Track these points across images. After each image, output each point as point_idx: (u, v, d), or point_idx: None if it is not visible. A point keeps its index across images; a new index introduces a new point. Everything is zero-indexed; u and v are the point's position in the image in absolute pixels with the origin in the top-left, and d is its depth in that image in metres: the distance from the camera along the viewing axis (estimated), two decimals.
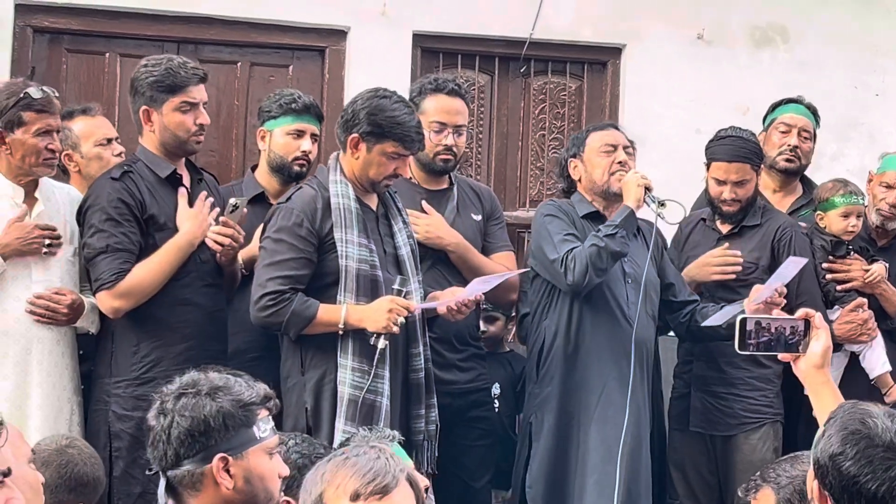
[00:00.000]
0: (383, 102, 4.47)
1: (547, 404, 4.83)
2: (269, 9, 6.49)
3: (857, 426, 2.59)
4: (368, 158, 4.46)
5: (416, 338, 4.48)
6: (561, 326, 4.82)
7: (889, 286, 5.28)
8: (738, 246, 5.19)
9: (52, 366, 4.43)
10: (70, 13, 6.33)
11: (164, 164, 4.52)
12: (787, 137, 5.51)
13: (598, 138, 4.93)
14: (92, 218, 4.42)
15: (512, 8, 6.75)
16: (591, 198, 4.95)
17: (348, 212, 4.43)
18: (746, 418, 5.12)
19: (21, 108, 4.34)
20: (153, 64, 4.53)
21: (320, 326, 4.36)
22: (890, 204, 5.31)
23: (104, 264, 4.38)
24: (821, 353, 3.13)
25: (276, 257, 4.40)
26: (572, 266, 4.66)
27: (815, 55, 7.02)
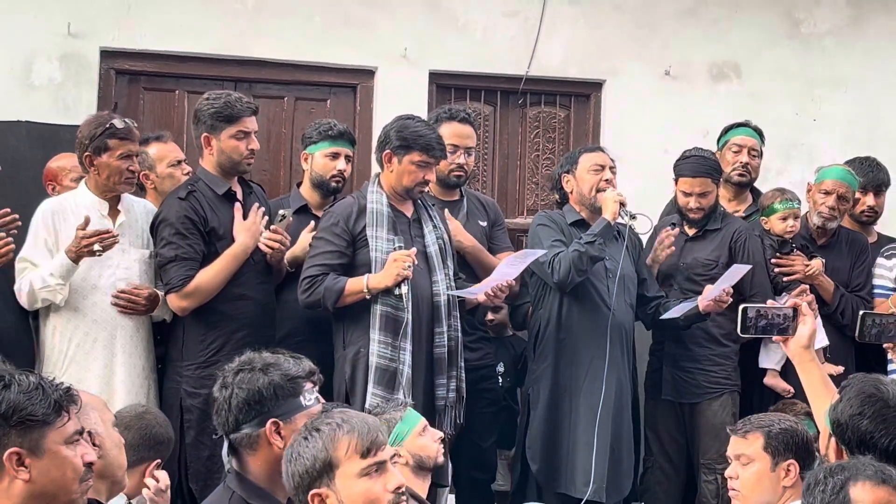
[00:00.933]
0: (408, 122, 4.59)
1: (542, 379, 4.84)
2: (310, 53, 6.49)
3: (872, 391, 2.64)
4: (400, 169, 4.53)
5: (441, 319, 4.49)
6: (552, 314, 4.84)
7: (825, 278, 5.26)
8: (701, 246, 5.20)
9: (133, 348, 4.44)
10: (146, 58, 6.33)
11: (221, 182, 4.52)
12: (739, 156, 5.51)
13: (589, 159, 4.93)
14: (163, 232, 4.42)
15: (511, 50, 6.74)
16: (579, 208, 4.95)
17: (380, 214, 4.50)
18: (709, 388, 5.11)
19: (107, 136, 4.35)
20: (213, 97, 4.53)
21: (350, 296, 4.42)
22: (829, 207, 5.30)
23: (173, 271, 4.39)
24: (807, 335, 3.14)
25: (316, 251, 4.52)
26: (558, 267, 4.70)
27: (763, 88, 6.99)
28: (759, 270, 5.14)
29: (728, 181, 5.50)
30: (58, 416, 2.46)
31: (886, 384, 2.66)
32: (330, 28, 6.51)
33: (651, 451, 5.25)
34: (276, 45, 6.44)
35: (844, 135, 6.95)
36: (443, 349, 4.49)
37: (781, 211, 5.27)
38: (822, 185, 5.34)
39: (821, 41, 7.12)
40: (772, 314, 3.14)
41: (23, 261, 4.37)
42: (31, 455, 2.42)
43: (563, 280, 4.70)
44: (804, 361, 3.13)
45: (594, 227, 4.78)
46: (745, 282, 5.00)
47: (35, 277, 4.30)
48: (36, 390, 2.45)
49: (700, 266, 5.16)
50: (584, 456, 4.69)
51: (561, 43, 6.81)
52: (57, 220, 4.38)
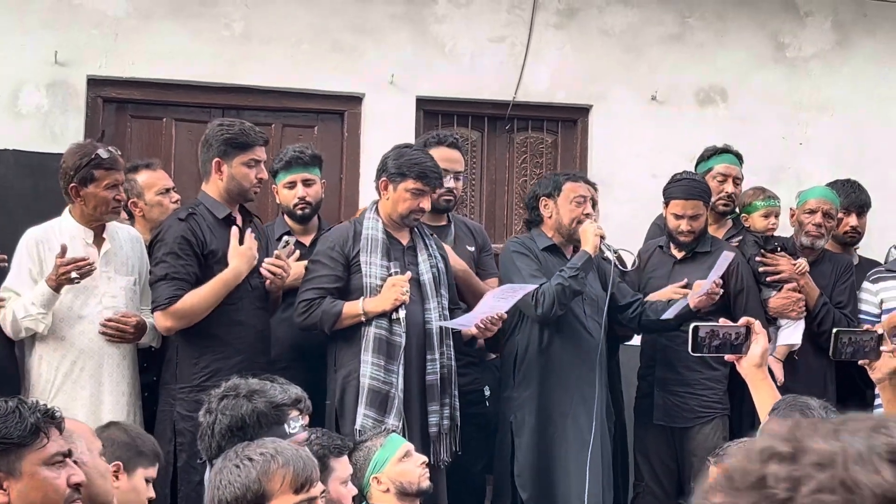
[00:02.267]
0: (405, 150, 4.65)
1: (527, 405, 4.80)
2: (297, 80, 6.50)
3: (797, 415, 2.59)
4: (395, 196, 4.56)
5: (433, 346, 4.50)
6: (532, 340, 4.83)
7: (810, 280, 5.26)
8: (691, 269, 5.19)
9: (119, 377, 4.42)
10: (133, 85, 6.33)
11: (222, 207, 4.52)
12: (725, 185, 5.49)
13: (573, 189, 4.91)
14: (158, 251, 4.43)
15: (498, 76, 6.76)
16: (552, 234, 4.93)
17: (374, 240, 4.54)
18: (700, 413, 5.09)
19: (92, 166, 4.34)
20: (227, 124, 4.56)
21: (347, 319, 4.46)
22: (815, 224, 5.31)
23: (162, 289, 4.38)
24: (760, 354, 3.12)
25: (312, 274, 4.55)
26: (542, 301, 4.67)
27: (749, 111, 7.02)
28: (751, 296, 5.15)
29: (712, 209, 5.50)
30: (35, 437, 2.44)
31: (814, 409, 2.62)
32: (317, 54, 6.53)
33: (642, 477, 5.23)
34: (264, 72, 6.45)
35: (831, 158, 6.97)
36: (435, 377, 4.49)
37: (762, 208, 5.33)
38: (806, 205, 5.35)
39: (807, 64, 7.15)
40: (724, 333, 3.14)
41: (6, 290, 4.36)
42: (9, 477, 2.40)
43: (547, 314, 4.70)
44: (756, 381, 3.13)
45: (575, 259, 4.77)
46: (737, 306, 5.01)
47: (17, 307, 4.29)
48: (12, 413, 2.44)
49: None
50: (578, 481, 4.68)
51: (548, 68, 6.84)
52: (42, 248, 4.36)
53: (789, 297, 5.18)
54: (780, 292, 5.19)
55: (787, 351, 5.19)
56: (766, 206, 5.33)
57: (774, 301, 5.19)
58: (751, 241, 5.30)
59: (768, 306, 5.19)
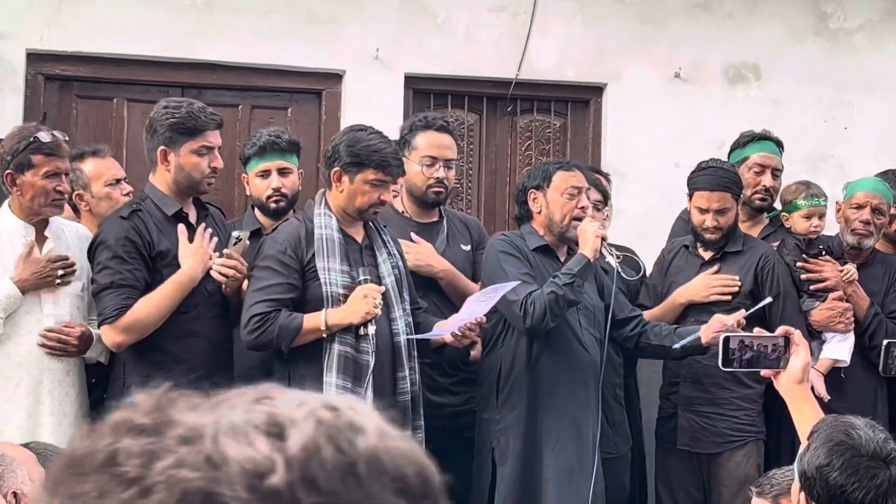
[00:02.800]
0: (359, 135, 4.49)
1: (511, 430, 4.73)
2: (268, 54, 6.48)
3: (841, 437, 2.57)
4: (352, 189, 4.44)
5: (403, 362, 4.44)
6: (519, 354, 4.75)
7: (860, 289, 5.24)
8: (721, 271, 5.16)
9: (62, 395, 4.38)
10: (79, 61, 6.30)
11: (171, 202, 4.46)
12: (762, 178, 5.47)
13: (565, 179, 4.83)
14: (100, 255, 4.36)
15: (499, 50, 6.74)
16: (543, 232, 4.86)
17: (330, 241, 4.42)
18: (732, 437, 5.08)
19: (31, 151, 4.31)
20: (174, 106, 4.47)
21: (308, 335, 4.34)
22: (863, 221, 5.29)
23: (108, 299, 4.32)
24: (800, 369, 3.09)
25: (262, 283, 4.40)
26: (531, 311, 4.59)
27: (786, 92, 7.01)
28: (789, 302, 5.14)
29: (746, 204, 5.48)
30: None
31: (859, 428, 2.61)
32: (291, 26, 6.50)
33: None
34: (229, 46, 6.42)
35: (878, 145, 6.96)
36: (406, 397, 4.43)
37: (805, 208, 5.31)
38: (853, 199, 5.33)
39: (852, 38, 7.14)
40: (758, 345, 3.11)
41: None
42: None
43: (537, 326, 4.61)
44: (797, 399, 3.10)
45: (572, 264, 4.68)
46: (773, 314, 4.99)
47: None
48: None
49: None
50: None
51: (555, 42, 6.81)
52: None
53: (835, 308, 5.17)
54: (825, 302, 5.17)
55: (830, 364, 5.17)
56: (809, 205, 5.30)
57: (818, 313, 5.16)
58: (791, 244, 5.27)
59: (811, 319, 5.15)
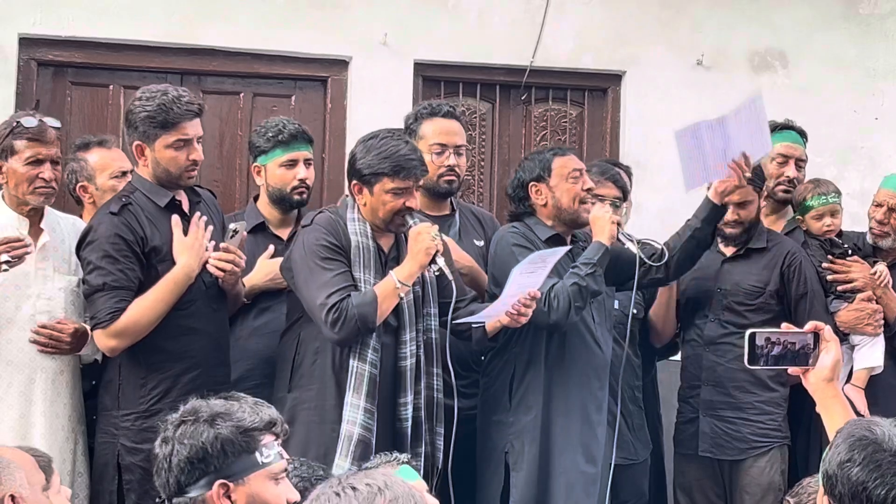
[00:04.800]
0: (370, 143, 4.47)
1: (526, 433, 4.73)
2: (271, 40, 6.47)
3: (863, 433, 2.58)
4: (374, 201, 4.44)
5: (406, 388, 4.43)
6: (535, 354, 4.75)
7: (891, 291, 5.23)
8: (743, 268, 5.17)
9: (55, 395, 4.39)
10: (73, 46, 6.31)
11: (161, 192, 4.43)
12: (786, 168, 5.48)
13: (565, 164, 4.85)
14: (90, 255, 4.33)
15: (512, 36, 6.74)
16: (552, 222, 4.86)
17: (366, 251, 4.44)
18: (756, 442, 5.09)
19: (14, 136, 4.32)
20: (147, 98, 4.41)
21: (387, 301, 4.32)
22: (878, 221, 5.28)
23: (101, 302, 4.30)
24: (830, 367, 3.08)
25: (322, 276, 4.36)
26: (556, 305, 4.59)
27: (813, 80, 6.99)
28: (816, 300, 5.15)
29: (770, 196, 5.47)
30: None
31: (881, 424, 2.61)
32: (295, 10, 6.50)
33: None
34: (230, 31, 6.42)
35: None
36: (406, 423, 4.42)
37: (814, 209, 5.30)
38: (877, 195, 5.34)
39: (883, 24, 7.12)
40: (786, 341, 3.10)
41: None
42: None
43: (562, 319, 4.62)
44: (827, 398, 3.08)
45: (589, 252, 4.69)
46: (799, 313, 4.99)
47: None
48: None
49: (742, 293, 5.14)
50: None
51: (572, 27, 6.81)
52: None
53: (864, 309, 5.15)
54: (853, 303, 5.16)
55: (867, 375, 5.16)
56: (818, 204, 5.29)
57: (845, 314, 5.15)
58: (815, 245, 5.26)
59: (838, 320, 5.13)
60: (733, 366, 5.02)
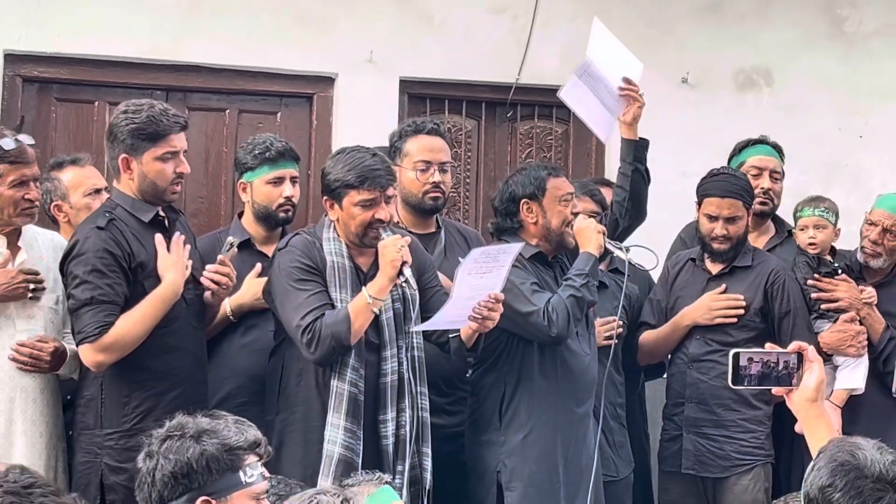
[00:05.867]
0: (337, 157, 4.50)
1: (521, 452, 4.72)
2: (256, 56, 6.48)
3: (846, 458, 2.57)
4: (344, 216, 4.44)
5: (387, 405, 4.40)
6: (525, 371, 4.74)
7: (876, 312, 5.24)
8: (728, 287, 5.17)
9: (36, 414, 4.36)
10: (58, 62, 6.31)
11: (144, 207, 4.43)
12: (760, 180, 5.50)
13: (559, 186, 4.84)
14: (76, 269, 4.30)
15: (498, 54, 6.76)
16: (536, 241, 4.85)
17: (342, 270, 4.42)
18: (739, 460, 5.08)
19: None
20: (133, 111, 4.41)
21: (359, 317, 4.29)
22: (871, 241, 5.29)
23: (88, 317, 4.27)
24: (814, 387, 3.09)
25: (296, 298, 4.36)
26: (555, 318, 4.60)
27: (798, 98, 7.02)
28: (800, 318, 5.15)
29: None
30: None
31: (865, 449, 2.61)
32: (280, 27, 6.52)
33: None
34: (216, 48, 6.43)
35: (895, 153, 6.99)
36: (388, 441, 4.40)
37: (800, 220, 5.32)
38: (871, 214, 5.35)
39: (868, 43, 7.16)
40: (770, 361, 3.11)
41: None
42: None
43: (563, 332, 4.63)
44: (810, 418, 3.09)
45: (579, 264, 4.71)
46: (783, 331, 5.00)
47: None
48: None
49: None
50: None
51: (557, 45, 6.82)
52: None
53: (846, 331, 5.17)
54: (836, 324, 5.17)
55: (846, 396, 5.16)
56: (802, 215, 5.32)
57: (828, 335, 5.16)
58: (802, 261, 5.28)
59: (821, 341, 5.15)
60: (717, 383, 5.03)
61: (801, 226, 5.33)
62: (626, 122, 5.28)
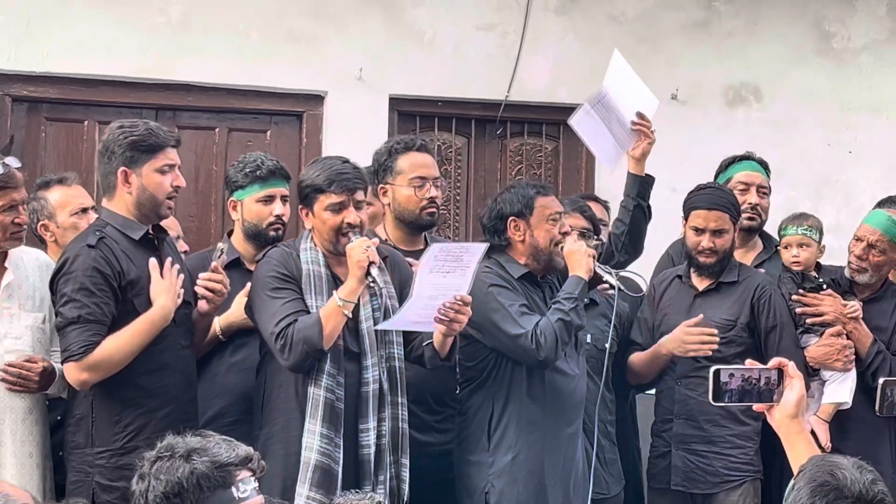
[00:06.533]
0: (311, 165, 4.58)
1: (506, 473, 4.71)
2: (246, 75, 6.50)
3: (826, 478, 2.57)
4: (316, 222, 4.48)
5: (368, 413, 4.39)
6: (514, 392, 4.74)
7: (863, 326, 5.25)
8: (715, 302, 5.18)
9: (25, 434, 4.36)
10: (48, 82, 6.33)
11: (136, 225, 4.43)
12: (747, 196, 5.52)
13: (547, 206, 4.84)
14: (65, 287, 4.30)
15: (488, 71, 6.78)
16: (524, 260, 4.85)
17: (318, 278, 4.44)
18: (728, 476, 5.08)
19: None
20: (129, 125, 4.45)
21: (330, 320, 4.30)
22: (856, 256, 5.31)
23: (74, 335, 4.27)
24: (794, 403, 3.10)
25: (270, 307, 4.39)
26: (543, 341, 4.59)
27: (788, 114, 7.05)
28: (786, 333, 5.15)
29: None
30: None
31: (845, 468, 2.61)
32: (270, 45, 6.54)
33: None
34: (206, 67, 6.46)
35: (885, 169, 7.00)
36: (368, 450, 4.39)
37: (783, 238, 5.34)
38: (857, 230, 5.37)
39: (856, 59, 7.19)
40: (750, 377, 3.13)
41: None
42: None
43: (551, 355, 4.62)
44: (791, 434, 3.10)
45: (569, 287, 4.70)
46: (769, 346, 5.01)
47: None
48: None
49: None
50: None
51: (547, 62, 6.86)
52: None
53: (832, 345, 5.18)
54: (822, 338, 5.19)
55: (833, 410, 5.17)
56: (785, 234, 5.33)
57: (815, 349, 5.18)
58: (786, 277, 5.30)
59: (807, 355, 5.17)
60: (705, 399, 4.98)
61: (784, 244, 5.34)
62: (635, 157, 5.31)
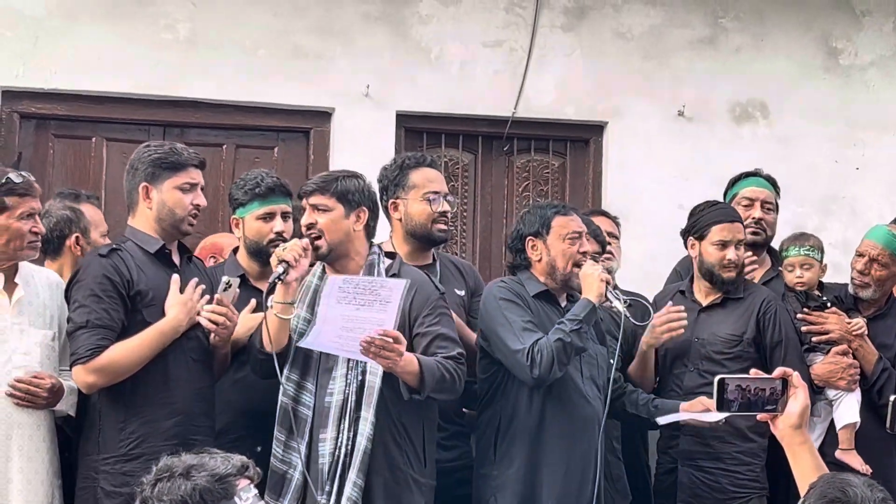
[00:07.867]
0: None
1: (508, 486, 4.73)
2: (253, 92, 6.52)
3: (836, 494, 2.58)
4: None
5: (327, 425, 4.42)
6: (519, 407, 4.76)
7: (868, 343, 5.26)
8: (720, 318, 5.19)
9: (32, 451, 4.38)
10: (56, 99, 6.35)
11: (153, 240, 4.53)
12: (751, 211, 5.55)
13: (564, 225, 4.87)
14: (76, 293, 4.42)
15: (495, 87, 6.79)
16: (544, 278, 4.89)
17: (307, 287, 4.57)
18: (734, 493, 5.08)
19: (4, 193, 4.34)
20: (156, 145, 4.65)
21: (270, 324, 4.42)
22: (858, 271, 5.32)
23: (83, 339, 4.37)
24: (798, 413, 3.12)
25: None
26: (538, 360, 4.61)
27: (795, 130, 7.05)
28: (791, 348, 5.15)
29: None
30: None
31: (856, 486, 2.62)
32: (277, 62, 6.55)
33: None
34: (213, 83, 6.47)
35: (892, 185, 7.00)
36: (324, 461, 4.41)
37: (786, 259, 5.35)
38: (859, 246, 5.39)
39: (864, 75, 7.19)
40: (755, 388, 3.15)
41: None
42: None
43: (545, 375, 4.63)
44: (794, 445, 3.11)
45: (577, 309, 4.72)
46: (774, 361, 5.01)
47: None
48: None
49: (720, 342, 5.15)
50: None
51: (554, 79, 6.87)
52: None
53: (838, 363, 5.19)
54: (827, 356, 5.20)
55: (852, 434, 5.16)
56: (787, 255, 5.36)
57: (820, 367, 5.18)
58: (791, 297, 5.31)
59: (812, 373, 5.18)
60: None
61: (787, 265, 5.36)
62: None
